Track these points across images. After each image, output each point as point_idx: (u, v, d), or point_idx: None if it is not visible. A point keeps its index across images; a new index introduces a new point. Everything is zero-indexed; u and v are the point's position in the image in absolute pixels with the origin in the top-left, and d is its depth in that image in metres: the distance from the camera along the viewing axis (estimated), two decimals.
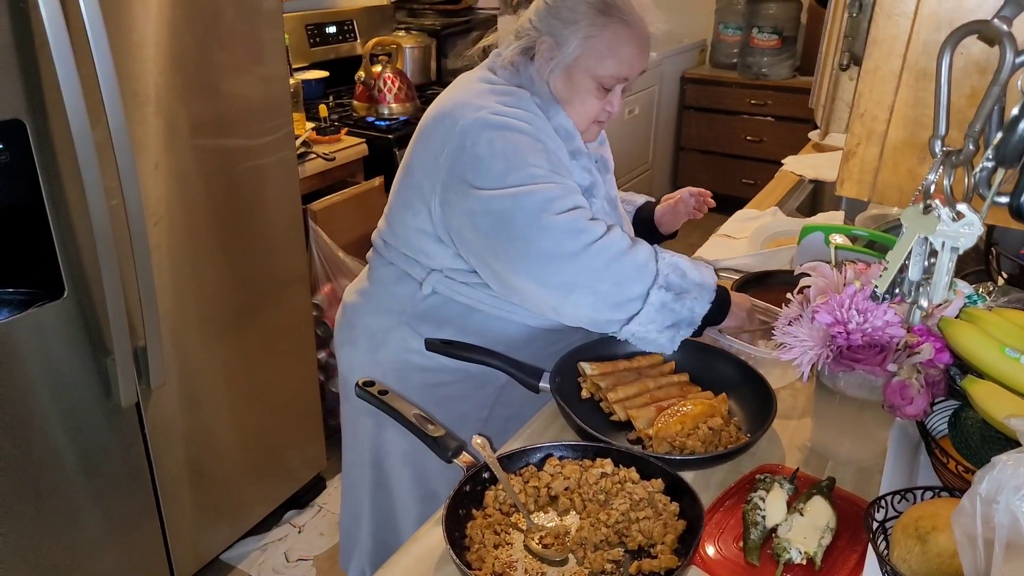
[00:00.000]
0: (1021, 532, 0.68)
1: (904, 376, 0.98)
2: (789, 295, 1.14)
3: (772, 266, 1.71)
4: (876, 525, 0.90)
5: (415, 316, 1.40)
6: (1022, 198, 0.87)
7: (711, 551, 0.96)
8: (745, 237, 1.96)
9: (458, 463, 1.02)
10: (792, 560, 0.93)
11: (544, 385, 1.21)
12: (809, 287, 1.12)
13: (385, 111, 2.80)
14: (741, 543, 0.97)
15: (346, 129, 2.67)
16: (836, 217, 2.01)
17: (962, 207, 0.85)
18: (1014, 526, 0.69)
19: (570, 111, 1.34)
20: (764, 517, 0.97)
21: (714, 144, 4.80)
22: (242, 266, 1.99)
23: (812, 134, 2.92)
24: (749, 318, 1.31)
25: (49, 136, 1.46)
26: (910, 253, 0.90)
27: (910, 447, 1.09)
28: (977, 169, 0.87)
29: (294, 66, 2.87)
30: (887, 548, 0.87)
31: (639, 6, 1.30)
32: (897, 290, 0.95)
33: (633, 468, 1.04)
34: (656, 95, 4.44)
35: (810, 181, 2.48)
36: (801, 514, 0.96)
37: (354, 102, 2.88)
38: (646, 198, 1.72)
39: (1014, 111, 0.84)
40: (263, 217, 2.02)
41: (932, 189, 0.87)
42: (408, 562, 0.97)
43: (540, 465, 1.06)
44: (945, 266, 0.88)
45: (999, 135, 0.85)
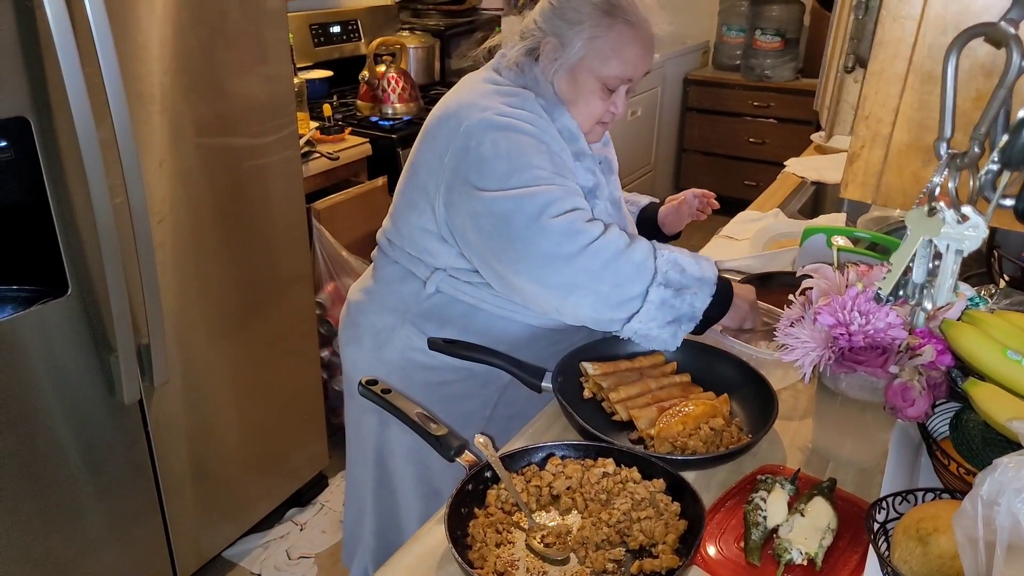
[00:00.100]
0: (1022, 534, 0.68)
1: (906, 378, 0.98)
2: (791, 296, 1.14)
3: (774, 268, 1.71)
4: (877, 526, 0.90)
5: (419, 315, 1.40)
6: None
7: (712, 551, 0.97)
8: (747, 239, 1.97)
9: (460, 462, 1.02)
10: (793, 561, 0.93)
11: (546, 385, 1.22)
12: (811, 289, 1.12)
13: (389, 111, 2.80)
14: (742, 543, 0.97)
15: (350, 129, 2.68)
16: (838, 219, 2.01)
17: (967, 209, 0.85)
18: (1015, 528, 0.69)
19: (574, 112, 1.34)
20: (765, 518, 0.98)
21: (716, 146, 4.80)
22: (245, 265, 1.99)
23: (814, 136, 2.92)
24: (752, 310, 1.30)
25: (54, 134, 1.46)
26: (914, 255, 0.90)
27: (911, 449, 1.10)
28: (982, 172, 0.87)
29: (298, 65, 2.87)
30: (888, 549, 0.87)
31: (644, 7, 1.30)
32: (901, 292, 0.95)
33: (635, 468, 1.04)
34: (659, 96, 4.44)
35: (812, 183, 2.48)
36: (802, 515, 0.97)
37: (358, 102, 2.88)
38: (650, 199, 1.72)
39: (1020, 114, 0.84)
40: (267, 216, 2.02)
41: (937, 191, 0.87)
42: (410, 560, 0.97)
43: (542, 464, 1.06)
44: (949, 268, 0.88)
45: (1005, 138, 0.85)
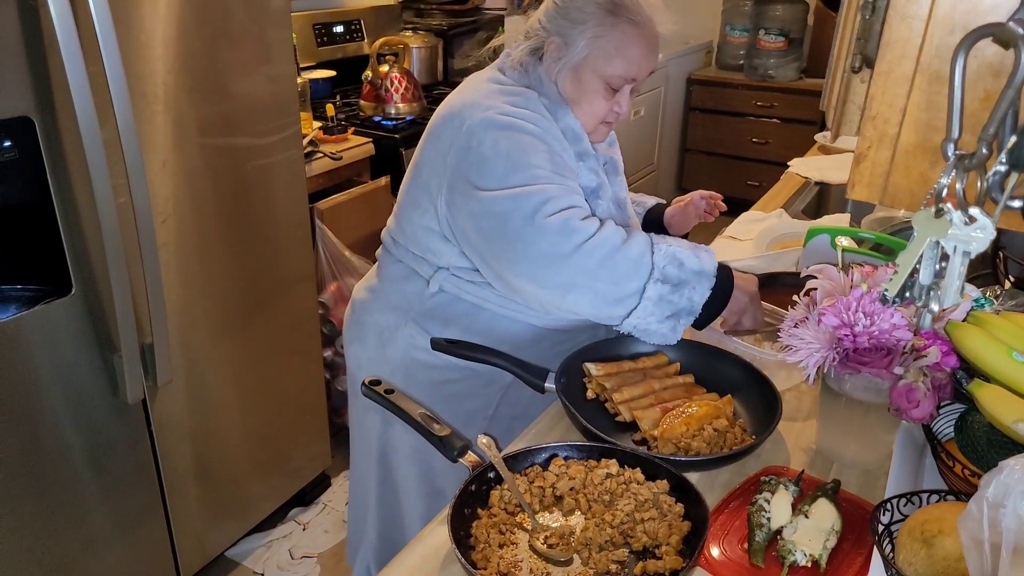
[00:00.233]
0: None
1: (910, 379, 0.98)
2: (795, 297, 1.14)
3: (778, 268, 1.71)
4: (882, 528, 0.89)
5: (422, 314, 1.40)
6: None
7: (716, 552, 0.96)
8: (750, 239, 1.96)
9: (464, 462, 1.02)
10: (797, 562, 0.93)
11: (550, 385, 1.21)
12: (815, 289, 1.12)
13: (392, 111, 2.80)
14: (746, 545, 0.97)
15: (353, 128, 2.68)
16: (842, 219, 2.01)
17: (974, 211, 0.84)
18: (1021, 530, 0.69)
19: (578, 112, 1.34)
20: (769, 519, 0.97)
21: (720, 146, 4.80)
22: (249, 264, 1.99)
23: (818, 136, 2.92)
24: (753, 303, 1.28)
25: (58, 134, 1.46)
26: (921, 257, 0.90)
27: (916, 450, 1.09)
28: (990, 173, 0.86)
29: (301, 65, 2.88)
30: (892, 551, 0.87)
31: (648, 6, 1.30)
32: (907, 294, 0.95)
33: (638, 469, 1.04)
34: (662, 96, 4.44)
35: (816, 183, 2.47)
36: (806, 516, 0.96)
37: (361, 102, 2.88)
38: (657, 200, 1.71)
39: None
40: (270, 216, 2.02)
41: (944, 193, 0.87)
42: (413, 561, 0.97)
43: (545, 465, 1.06)
44: (957, 270, 0.87)
45: (1013, 139, 0.84)
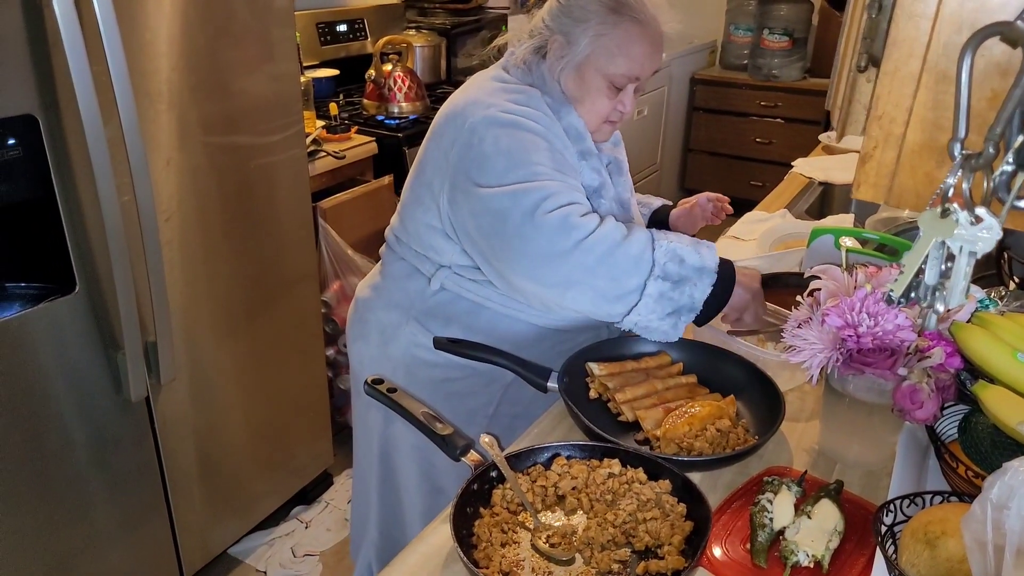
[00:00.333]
0: None
1: (914, 380, 0.98)
2: (799, 298, 1.13)
3: (781, 268, 1.70)
4: (885, 529, 0.89)
5: (424, 312, 1.40)
6: None
7: (718, 553, 0.96)
8: (754, 239, 1.96)
9: (466, 461, 1.02)
10: (799, 563, 0.93)
11: (552, 385, 1.21)
12: (819, 290, 1.11)
13: (395, 110, 2.80)
14: (748, 545, 0.97)
15: (356, 127, 2.67)
16: (846, 220, 2.01)
17: (981, 211, 0.84)
18: None
19: (581, 110, 1.34)
20: (772, 519, 0.97)
21: (723, 146, 4.79)
22: (252, 263, 1.99)
23: (822, 136, 2.91)
24: (755, 300, 1.27)
25: (62, 132, 1.46)
26: (927, 257, 0.89)
27: (919, 451, 1.09)
28: (996, 173, 0.86)
29: (305, 64, 2.88)
30: (895, 552, 0.87)
31: (652, 5, 1.29)
32: (913, 294, 0.94)
33: (641, 469, 1.04)
34: (665, 96, 4.43)
35: (820, 183, 2.47)
36: (809, 517, 0.96)
37: (364, 100, 2.88)
38: (663, 201, 1.71)
39: None
40: (273, 214, 2.02)
41: (950, 192, 0.86)
42: (415, 560, 0.97)
43: (548, 464, 1.06)
44: (963, 271, 0.86)
45: (1020, 138, 0.84)
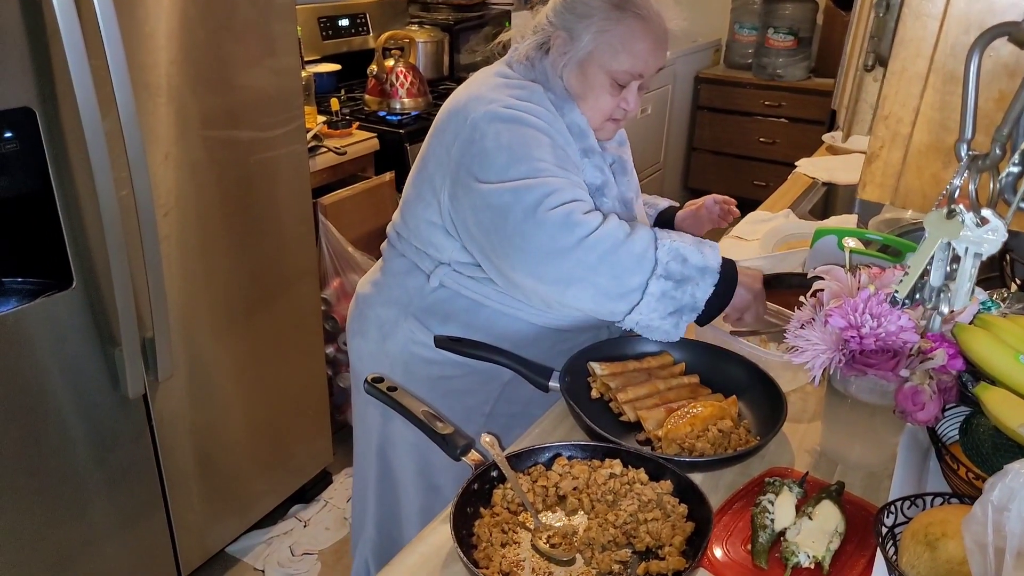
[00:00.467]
0: None
1: (916, 381, 0.97)
2: (802, 298, 1.13)
3: (784, 269, 1.70)
4: (885, 530, 0.89)
5: (422, 309, 1.40)
6: None
7: (719, 553, 0.96)
8: (757, 239, 1.95)
9: (466, 461, 1.01)
10: (800, 564, 0.92)
11: (554, 384, 1.21)
12: (822, 290, 1.11)
13: (397, 106, 2.79)
14: (749, 546, 0.96)
15: (357, 123, 2.67)
16: (849, 220, 2.00)
17: (987, 212, 0.83)
18: None
19: (584, 107, 1.33)
20: (773, 520, 0.97)
21: (727, 145, 4.78)
22: (251, 259, 1.99)
23: (826, 136, 2.90)
24: (756, 300, 1.26)
25: (59, 125, 1.46)
26: (932, 258, 0.89)
27: (920, 453, 1.09)
28: (1003, 174, 0.85)
29: (306, 59, 2.87)
30: (896, 554, 0.87)
31: (657, 2, 1.29)
32: (918, 295, 0.94)
33: (642, 469, 1.03)
34: (669, 94, 4.43)
35: (824, 184, 2.46)
36: (810, 518, 0.96)
37: (366, 96, 2.87)
38: (669, 202, 1.70)
39: None
40: (273, 210, 2.02)
41: (956, 194, 0.85)
42: (415, 559, 0.96)
43: (549, 464, 1.05)
44: (968, 272, 0.86)
45: None
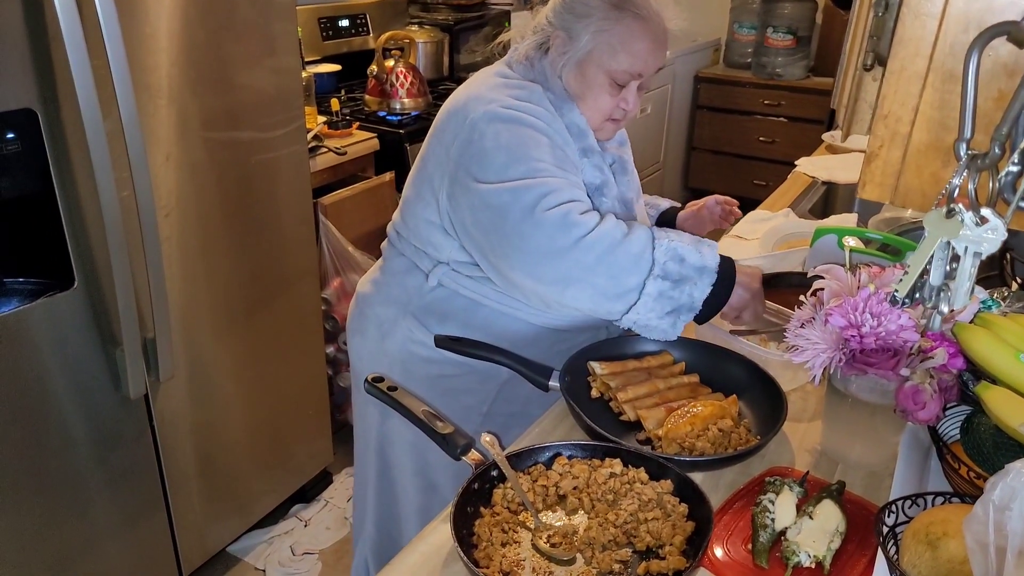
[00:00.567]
0: None
1: (917, 381, 0.97)
2: (802, 297, 1.13)
3: (784, 268, 1.69)
4: (886, 530, 0.89)
5: (420, 308, 1.40)
6: None
7: (720, 553, 0.96)
8: (757, 239, 1.95)
9: (467, 460, 1.01)
10: (801, 563, 0.92)
11: (554, 384, 1.21)
12: (822, 290, 1.11)
13: (397, 106, 2.79)
14: (750, 545, 0.96)
15: (357, 123, 2.67)
16: (849, 219, 2.00)
17: (986, 211, 0.83)
18: None
19: (583, 107, 1.33)
20: (773, 520, 0.97)
21: (727, 144, 4.78)
22: (252, 259, 1.99)
23: (826, 135, 2.90)
24: (755, 300, 1.26)
25: (61, 126, 1.46)
26: (932, 258, 0.89)
27: (921, 452, 1.09)
28: (1002, 173, 0.85)
29: (306, 59, 2.87)
30: (897, 553, 0.87)
31: (656, 1, 1.29)
32: (917, 295, 0.94)
33: (642, 468, 1.03)
34: (669, 94, 4.43)
35: (823, 183, 2.46)
36: (811, 517, 0.96)
37: (366, 96, 2.87)
38: (671, 203, 1.70)
39: None
40: (273, 210, 2.02)
41: (956, 193, 0.86)
42: (415, 559, 0.97)
43: (549, 464, 1.05)
44: (967, 271, 0.86)
45: None
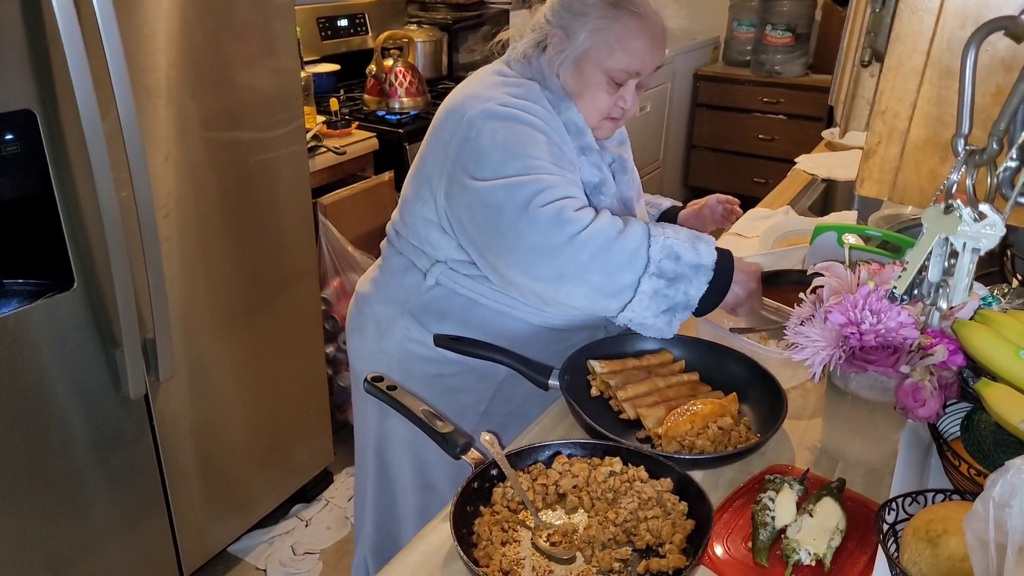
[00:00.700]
0: None
1: (917, 378, 0.97)
2: (802, 295, 1.13)
3: (783, 266, 1.69)
4: (887, 527, 0.89)
5: (418, 307, 1.40)
6: None
7: (720, 551, 0.96)
8: (756, 236, 1.95)
9: (466, 459, 1.01)
10: (801, 561, 0.92)
11: (553, 383, 1.21)
12: (822, 287, 1.11)
13: (396, 105, 2.79)
14: (750, 543, 0.96)
15: (356, 123, 2.67)
16: (849, 217, 2.00)
17: (984, 207, 0.83)
18: None
19: (580, 106, 1.33)
20: (773, 518, 0.97)
21: (726, 142, 4.78)
22: (251, 259, 1.99)
23: (825, 133, 2.90)
24: (751, 297, 1.26)
25: (60, 127, 1.46)
26: (930, 254, 0.89)
27: (921, 449, 1.08)
28: (1000, 169, 0.85)
29: (305, 59, 2.87)
30: (897, 551, 0.86)
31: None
32: (916, 291, 0.94)
33: (642, 467, 1.03)
34: (668, 92, 4.42)
35: (823, 180, 2.46)
36: (811, 515, 0.96)
37: (365, 96, 2.87)
38: (672, 202, 1.70)
39: None
40: (273, 210, 2.02)
41: (954, 189, 0.85)
42: (415, 558, 0.97)
43: (549, 463, 1.05)
44: (966, 267, 0.86)
45: None
